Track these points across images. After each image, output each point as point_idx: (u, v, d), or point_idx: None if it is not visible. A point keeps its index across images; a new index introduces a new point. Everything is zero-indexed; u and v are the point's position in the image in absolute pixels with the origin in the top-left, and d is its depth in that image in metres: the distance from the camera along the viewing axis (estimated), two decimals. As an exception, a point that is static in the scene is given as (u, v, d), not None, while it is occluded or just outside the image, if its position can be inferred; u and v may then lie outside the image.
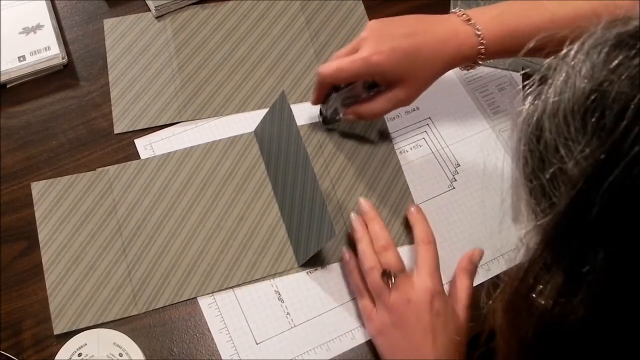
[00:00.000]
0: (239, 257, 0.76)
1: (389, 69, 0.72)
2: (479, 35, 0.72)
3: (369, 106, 0.77)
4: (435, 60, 0.73)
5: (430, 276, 0.71)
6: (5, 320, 0.72)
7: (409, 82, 0.74)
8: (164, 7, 0.90)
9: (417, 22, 0.75)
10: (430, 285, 0.70)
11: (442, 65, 0.74)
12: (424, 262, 0.72)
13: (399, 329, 0.69)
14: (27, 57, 0.84)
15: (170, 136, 0.83)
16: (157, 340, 0.72)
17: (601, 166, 0.33)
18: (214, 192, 0.79)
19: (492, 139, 0.86)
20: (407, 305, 0.69)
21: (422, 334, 0.68)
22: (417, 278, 0.71)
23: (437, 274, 0.72)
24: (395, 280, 0.70)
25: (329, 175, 0.81)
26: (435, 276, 0.71)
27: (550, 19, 0.70)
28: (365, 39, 0.73)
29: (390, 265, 0.71)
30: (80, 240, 0.76)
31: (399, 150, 0.84)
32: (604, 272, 0.33)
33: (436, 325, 0.68)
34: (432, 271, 0.71)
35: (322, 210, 0.71)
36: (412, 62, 0.72)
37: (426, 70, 0.74)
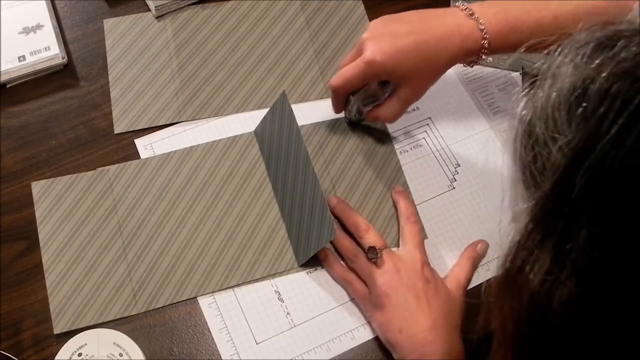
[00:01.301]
0: (239, 257, 0.76)
1: (394, 68, 0.72)
2: (482, 30, 0.72)
3: (385, 110, 0.78)
4: (440, 56, 0.73)
5: (417, 249, 0.74)
6: (5, 320, 0.72)
7: (414, 80, 0.74)
8: (164, 7, 0.90)
9: (420, 18, 0.75)
10: (418, 256, 0.73)
11: (447, 60, 0.74)
12: (410, 238, 0.75)
13: (392, 297, 0.70)
14: (27, 57, 0.84)
15: (170, 136, 0.83)
16: (157, 340, 0.72)
17: (580, 150, 0.36)
18: (214, 192, 0.79)
19: (492, 139, 0.86)
20: (397, 275, 0.71)
21: (415, 300, 0.70)
22: (404, 251, 0.74)
23: (422, 247, 0.75)
24: (382, 254, 0.72)
25: (329, 175, 0.81)
26: (421, 249, 0.74)
27: (554, 15, 0.71)
28: (367, 40, 0.73)
29: (374, 244, 0.73)
30: (81, 240, 0.76)
31: (399, 150, 0.84)
32: (587, 249, 0.36)
33: (428, 291, 0.70)
34: (417, 244, 0.74)
35: (323, 210, 0.71)
36: (416, 60, 0.72)
37: (431, 66, 0.74)
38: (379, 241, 0.74)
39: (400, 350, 0.69)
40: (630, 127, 0.34)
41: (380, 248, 0.73)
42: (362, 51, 0.73)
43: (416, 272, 0.72)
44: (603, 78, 0.36)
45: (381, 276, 0.72)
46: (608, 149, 0.34)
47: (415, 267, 0.72)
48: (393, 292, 0.71)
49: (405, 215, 0.77)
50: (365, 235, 0.75)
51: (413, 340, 0.68)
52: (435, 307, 0.70)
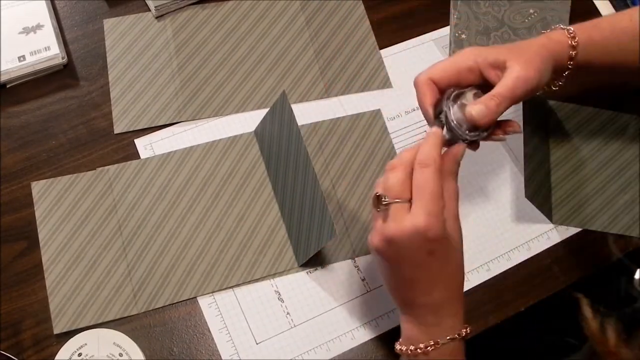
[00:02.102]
0: (238, 257, 0.76)
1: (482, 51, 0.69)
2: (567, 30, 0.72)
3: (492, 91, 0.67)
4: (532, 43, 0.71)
5: (423, 208, 0.60)
6: (5, 320, 0.72)
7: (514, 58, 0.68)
8: (164, 7, 0.90)
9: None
10: (422, 222, 0.59)
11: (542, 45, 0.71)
12: (418, 191, 0.61)
13: (388, 267, 0.63)
14: (27, 57, 0.84)
15: (170, 136, 0.83)
16: (157, 340, 0.72)
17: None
18: (214, 192, 0.80)
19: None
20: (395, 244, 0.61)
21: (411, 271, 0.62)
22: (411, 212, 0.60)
23: (432, 203, 0.60)
24: (389, 208, 0.61)
25: (329, 175, 0.81)
26: (430, 207, 0.60)
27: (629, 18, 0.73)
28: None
29: (388, 189, 0.62)
30: (81, 240, 0.76)
31: (399, 150, 0.84)
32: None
33: (431, 265, 0.62)
34: (426, 202, 0.60)
35: (323, 210, 0.71)
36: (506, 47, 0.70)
37: (527, 49, 0.70)
38: (397, 188, 0.61)
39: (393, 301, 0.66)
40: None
41: (388, 200, 0.61)
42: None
43: (417, 245, 0.60)
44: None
45: (380, 235, 0.62)
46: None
47: (417, 237, 0.60)
48: (387, 262, 0.63)
49: (418, 156, 0.62)
50: (387, 173, 0.63)
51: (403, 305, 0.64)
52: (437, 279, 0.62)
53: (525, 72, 0.67)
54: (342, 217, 0.79)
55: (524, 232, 0.81)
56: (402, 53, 0.91)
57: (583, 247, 0.81)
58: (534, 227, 0.82)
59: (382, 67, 0.90)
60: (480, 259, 0.79)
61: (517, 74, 0.67)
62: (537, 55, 0.70)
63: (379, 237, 0.62)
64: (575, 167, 0.85)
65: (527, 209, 0.82)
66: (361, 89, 0.88)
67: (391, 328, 0.75)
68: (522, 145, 0.83)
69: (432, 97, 0.68)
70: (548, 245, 0.81)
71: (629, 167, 0.85)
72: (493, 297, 0.77)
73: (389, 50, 0.91)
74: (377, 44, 0.91)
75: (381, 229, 0.61)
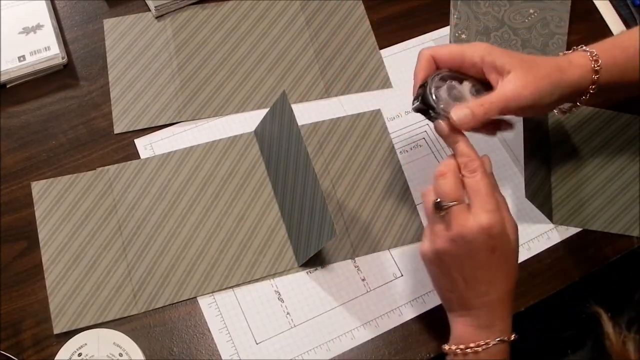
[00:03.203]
0: (238, 257, 0.76)
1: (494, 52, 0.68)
2: (589, 53, 0.70)
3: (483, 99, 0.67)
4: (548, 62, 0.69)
5: (483, 208, 0.63)
6: (5, 320, 0.72)
7: (520, 71, 0.67)
8: (164, 7, 0.90)
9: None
10: (484, 220, 0.62)
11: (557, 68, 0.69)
12: (474, 194, 0.64)
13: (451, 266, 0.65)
14: (27, 57, 0.84)
15: (170, 136, 0.83)
16: (157, 340, 0.72)
17: None
18: (214, 192, 0.80)
19: (492, 139, 0.86)
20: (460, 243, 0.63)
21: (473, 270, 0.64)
22: (471, 211, 0.63)
23: (491, 201, 0.63)
24: (450, 212, 0.64)
25: (329, 175, 0.81)
26: (489, 206, 0.63)
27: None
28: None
29: (443, 195, 0.64)
30: (81, 240, 0.76)
31: (399, 150, 0.84)
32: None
33: (492, 263, 0.64)
34: (484, 202, 0.63)
35: (323, 210, 0.71)
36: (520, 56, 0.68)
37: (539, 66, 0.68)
38: (452, 192, 0.64)
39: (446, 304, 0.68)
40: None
41: (448, 203, 0.64)
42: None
43: (480, 241, 0.63)
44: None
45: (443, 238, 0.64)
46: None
47: (481, 234, 0.62)
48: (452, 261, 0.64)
49: (463, 161, 0.65)
50: (437, 180, 0.65)
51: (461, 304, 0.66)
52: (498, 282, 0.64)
53: (521, 90, 0.67)
54: (342, 217, 0.79)
55: (524, 232, 0.81)
56: (402, 53, 0.91)
57: (583, 247, 0.81)
58: (534, 227, 0.82)
59: (382, 67, 0.90)
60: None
61: (512, 89, 0.66)
62: (547, 77, 0.68)
63: (442, 240, 0.64)
64: (575, 167, 0.85)
65: (527, 209, 0.82)
66: (361, 89, 0.88)
67: (391, 328, 0.75)
68: (522, 145, 0.83)
69: (427, 72, 0.70)
70: (548, 245, 0.81)
71: (629, 167, 0.85)
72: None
73: (389, 50, 0.91)
74: (377, 44, 0.91)
75: (444, 231, 0.64)
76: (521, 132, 0.83)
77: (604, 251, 0.81)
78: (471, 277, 0.64)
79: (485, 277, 0.65)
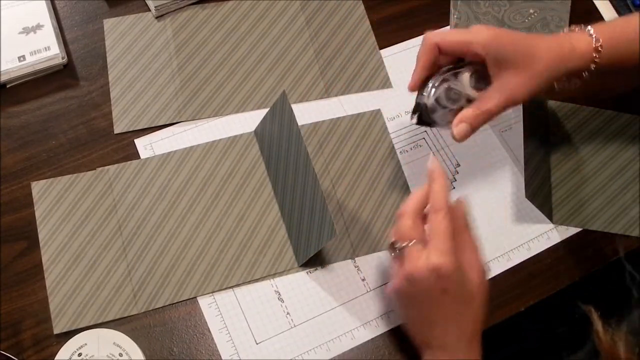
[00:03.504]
0: (238, 257, 0.76)
1: (498, 44, 0.68)
2: (591, 35, 0.71)
3: (480, 104, 0.70)
4: (550, 52, 0.70)
5: (437, 249, 0.64)
6: (5, 320, 0.72)
7: (521, 67, 0.68)
8: (164, 7, 0.90)
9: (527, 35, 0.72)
10: (435, 261, 0.63)
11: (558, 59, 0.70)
12: (433, 235, 0.65)
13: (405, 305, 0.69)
14: (27, 57, 0.84)
15: (170, 136, 0.83)
16: (157, 340, 0.72)
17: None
18: (214, 192, 0.80)
19: (492, 138, 0.86)
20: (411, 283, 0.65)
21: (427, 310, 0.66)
22: (425, 252, 0.64)
23: (446, 245, 0.64)
24: (402, 253, 0.65)
25: (329, 175, 0.81)
26: (444, 249, 0.63)
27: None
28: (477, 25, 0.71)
29: (398, 235, 0.66)
30: (81, 240, 0.76)
31: (399, 150, 0.84)
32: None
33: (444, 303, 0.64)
34: (438, 244, 0.64)
35: (323, 210, 0.71)
36: (524, 46, 0.69)
37: (540, 59, 0.69)
38: (407, 233, 0.66)
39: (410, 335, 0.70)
40: None
41: (402, 244, 0.66)
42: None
43: (431, 283, 0.64)
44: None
45: (398, 277, 0.67)
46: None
47: (431, 276, 0.63)
48: (405, 299, 0.68)
49: (432, 203, 0.66)
50: (398, 219, 0.67)
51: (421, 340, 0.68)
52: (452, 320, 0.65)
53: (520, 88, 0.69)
54: (342, 217, 0.79)
55: (524, 232, 0.81)
56: (402, 53, 0.91)
57: (583, 247, 0.81)
58: (534, 227, 0.82)
59: (382, 67, 0.90)
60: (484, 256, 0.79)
61: (511, 89, 0.69)
62: (546, 70, 0.69)
63: (398, 279, 0.66)
64: (575, 167, 0.85)
65: (527, 209, 0.82)
66: (361, 89, 0.88)
67: (391, 328, 0.75)
68: (522, 145, 0.83)
69: (429, 57, 0.72)
70: (548, 245, 0.81)
71: (629, 167, 0.85)
72: (493, 297, 0.77)
73: (389, 50, 0.91)
74: (377, 44, 0.91)
75: (399, 271, 0.66)
76: (521, 132, 0.83)
77: (604, 251, 0.81)
78: (426, 317, 0.66)
79: (439, 318, 0.65)
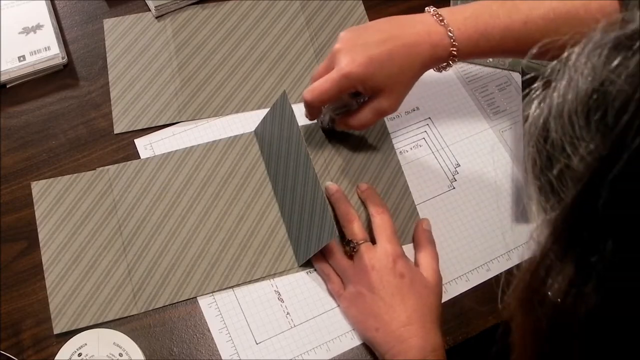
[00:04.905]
0: (239, 257, 0.76)
1: (368, 79, 0.72)
2: (451, 37, 0.72)
3: (356, 118, 0.77)
4: (411, 64, 0.73)
5: (389, 241, 0.73)
6: (5, 320, 0.72)
7: (389, 90, 0.74)
8: (164, 7, 0.90)
9: (390, 26, 0.74)
10: (389, 249, 0.72)
11: (418, 68, 0.74)
12: (381, 230, 0.74)
13: (367, 296, 0.71)
14: (27, 57, 0.84)
15: (170, 136, 0.83)
16: (157, 340, 0.72)
17: (605, 160, 0.34)
18: (214, 192, 0.80)
19: (492, 139, 0.86)
20: (371, 272, 0.71)
21: (389, 297, 0.70)
22: (377, 246, 0.73)
23: (395, 239, 0.74)
24: (358, 248, 0.73)
25: (329, 175, 0.81)
26: (394, 241, 0.73)
27: (524, 20, 0.71)
28: (339, 51, 0.73)
29: (353, 236, 0.74)
30: (81, 240, 0.76)
31: (399, 150, 0.84)
32: (613, 260, 0.34)
33: (402, 286, 0.70)
34: (390, 237, 0.74)
35: (323, 210, 0.71)
36: (390, 68, 0.72)
37: (404, 74, 0.73)
38: (360, 234, 0.74)
39: (379, 348, 0.70)
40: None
41: (358, 241, 0.73)
42: (335, 63, 0.73)
43: (389, 268, 0.71)
44: (623, 81, 0.34)
45: (355, 274, 0.72)
46: (635, 157, 0.33)
47: (389, 262, 0.71)
48: (367, 291, 0.71)
49: (375, 208, 0.76)
50: (349, 225, 0.75)
51: (389, 339, 0.69)
52: (411, 302, 0.69)
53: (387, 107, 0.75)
54: (342, 217, 0.79)
55: (524, 231, 0.81)
56: (402, 53, 0.91)
57: (583, 247, 0.81)
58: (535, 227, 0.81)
59: (382, 67, 0.89)
60: (481, 258, 0.79)
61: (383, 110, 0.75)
62: (411, 82, 0.75)
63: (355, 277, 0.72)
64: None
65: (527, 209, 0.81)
66: (361, 89, 0.88)
67: (391, 328, 0.74)
68: (522, 145, 0.83)
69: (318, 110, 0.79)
70: (548, 245, 0.81)
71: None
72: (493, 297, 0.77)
73: (389, 50, 0.91)
74: (377, 44, 0.91)
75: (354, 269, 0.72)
76: (521, 132, 0.83)
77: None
78: (389, 304, 0.69)
79: (401, 302, 0.69)
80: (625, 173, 0.33)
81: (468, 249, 0.79)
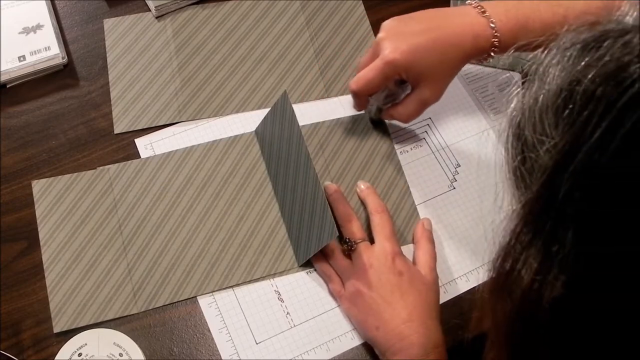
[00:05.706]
0: (239, 257, 0.76)
1: (412, 66, 0.73)
2: (493, 28, 0.73)
3: (401, 109, 0.78)
4: (454, 54, 0.74)
5: (388, 240, 0.73)
6: (5, 320, 0.72)
7: (431, 79, 0.75)
8: (164, 7, 0.90)
9: (433, 16, 0.75)
10: (388, 248, 0.73)
11: (461, 58, 0.74)
12: (380, 229, 0.75)
13: (366, 295, 0.71)
14: (27, 57, 0.84)
15: (171, 136, 0.83)
16: (157, 340, 0.72)
17: (566, 153, 0.36)
18: (214, 192, 0.79)
19: (493, 139, 0.86)
20: (369, 270, 0.71)
21: (389, 294, 0.70)
22: (376, 245, 0.74)
23: (393, 237, 0.74)
24: (356, 247, 0.73)
25: (329, 175, 0.81)
26: (392, 239, 0.74)
27: (564, 14, 0.71)
28: (384, 40, 0.74)
29: (352, 236, 0.74)
30: (81, 239, 0.76)
31: (399, 150, 0.84)
32: (573, 250, 0.36)
33: (401, 284, 0.70)
34: (388, 236, 0.74)
35: (323, 210, 0.71)
36: (433, 57, 0.73)
37: (446, 64, 0.74)
38: (359, 233, 0.74)
39: (380, 347, 0.70)
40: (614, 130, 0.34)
41: (356, 240, 0.74)
42: (379, 51, 0.74)
43: (388, 266, 0.71)
44: (589, 80, 0.36)
45: (354, 273, 0.72)
46: (592, 152, 0.35)
47: (387, 260, 0.72)
48: (366, 289, 0.71)
49: (374, 207, 0.77)
50: (347, 225, 0.75)
51: (390, 337, 0.69)
52: (411, 299, 0.70)
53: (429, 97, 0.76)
54: (342, 217, 0.79)
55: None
56: (402, 53, 0.91)
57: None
58: (534, 227, 0.81)
59: (382, 67, 0.89)
60: (481, 258, 0.79)
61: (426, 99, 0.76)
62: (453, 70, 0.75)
63: (354, 276, 0.72)
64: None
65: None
66: (361, 89, 0.88)
67: (391, 328, 0.74)
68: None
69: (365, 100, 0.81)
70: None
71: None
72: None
73: (389, 51, 0.91)
74: (377, 44, 0.91)
75: (353, 269, 0.73)
76: None
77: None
78: (388, 302, 0.70)
79: (400, 300, 0.70)
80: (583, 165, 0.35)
81: (468, 249, 0.79)
